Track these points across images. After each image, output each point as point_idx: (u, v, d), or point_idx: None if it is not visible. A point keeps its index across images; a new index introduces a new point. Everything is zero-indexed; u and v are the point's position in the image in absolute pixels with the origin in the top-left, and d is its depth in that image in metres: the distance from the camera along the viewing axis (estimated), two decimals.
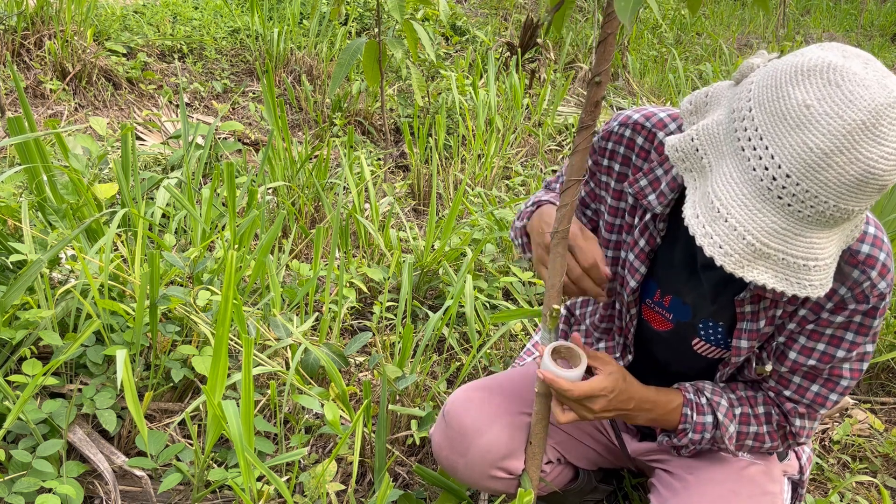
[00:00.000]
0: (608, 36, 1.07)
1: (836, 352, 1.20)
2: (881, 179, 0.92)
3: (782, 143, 0.92)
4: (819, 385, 1.25)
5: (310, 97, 4.08)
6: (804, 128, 0.91)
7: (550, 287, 1.23)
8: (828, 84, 0.90)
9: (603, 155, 1.33)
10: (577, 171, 1.16)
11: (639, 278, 1.31)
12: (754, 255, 0.96)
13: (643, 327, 1.40)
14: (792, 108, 0.91)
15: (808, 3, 9.86)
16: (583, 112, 1.13)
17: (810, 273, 0.97)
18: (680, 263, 1.28)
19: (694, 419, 1.29)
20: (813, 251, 0.96)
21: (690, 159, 1.03)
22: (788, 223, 0.95)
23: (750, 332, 1.24)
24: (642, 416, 1.28)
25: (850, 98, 0.89)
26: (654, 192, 1.24)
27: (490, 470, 1.40)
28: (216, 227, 2.47)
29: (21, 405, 1.44)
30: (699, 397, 1.30)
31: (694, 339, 1.33)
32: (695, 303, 1.29)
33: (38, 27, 3.80)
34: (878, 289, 1.13)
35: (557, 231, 1.19)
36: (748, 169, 0.95)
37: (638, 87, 5.39)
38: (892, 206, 2.45)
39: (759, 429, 1.31)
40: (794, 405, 1.28)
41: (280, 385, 1.90)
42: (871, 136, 0.89)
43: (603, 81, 1.09)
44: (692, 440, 1.31)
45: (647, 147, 1.27)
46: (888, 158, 0.91)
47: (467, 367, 1.97)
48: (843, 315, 1.17)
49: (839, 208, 0.93)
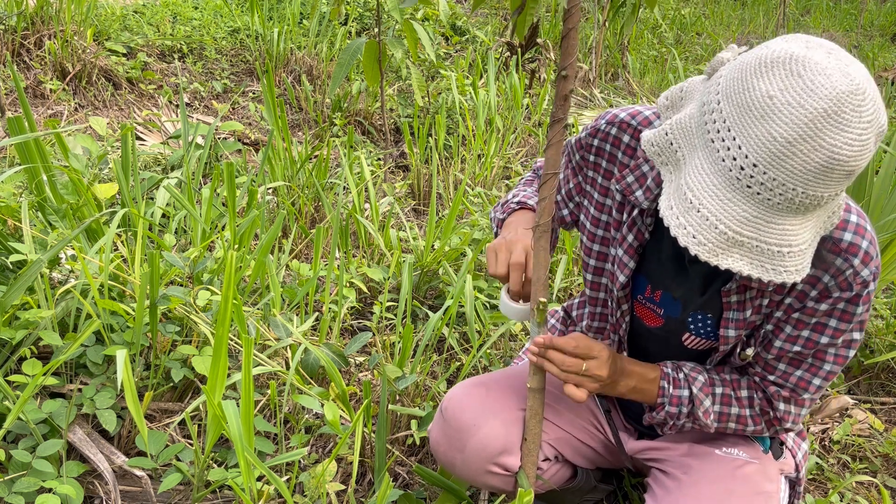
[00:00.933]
0: (570, 31, 1.11)
1: (819, 338, 1.22)
2: (846, 165, 0.94)
3: (748, 133, 0.94)
4: (803, 370, 1.27)
5: (310, 97, 4.08)
6: (768, 118, 0.93)
7: (536, 280, 1.26)
8: (790, 75, 0.93)
9: (590, 151, 1.36)
10: (553, 164, 1.20)
11: (627, 273, 1.33)
12: (728, 243, 0.98)
13: (636, 324, 1.42)
14: (756, 99, 0.94)
15: (808, 2, 9.86)
16: (553, 106, 1.17)
17: (785, 259, 0.99)
18: (668, 258, 1.30)
19: (670, 392, 1.32)
20: (786, 238, 0.98)
21: (665, 153, 1.06)
22: (759, 211, 0.97)
23: (737, 321, 1.26)
24: (623, 384, 1.31)
25: (811, 87, 0.91)
26: (640, 188, 1.27)
27: (487, 465, 1.40)
28: (216, 227, 2.47)
29: (21, 405, 1.44)
30: (677, 372, 1.34)
31: (684, 334, 1.35)
32: (684, 297, 1.31)
33: (38, 27, 3.80)
34: (861, 276, 1.15)
35: (539, 225, 1.22)
36: (718, 160, 0.98)
37: (638, 87, 5.39)
38: (892, 206, 2.45)
39: (741, 411, 1.33)
40: (778, 388, 1.30)
41: (280, 385, 1.90)
42: (834, 124, 0.91)
43: (569, 75, 1.13)
44: (669, 413, 1.34)
45: (634, 145, 1.30)
46: (852, 144, 0.92)
47: (467, 367, 1.97)
48: (827, 303, 1.19)
49: (807, 195, 0.95)
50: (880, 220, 2.39)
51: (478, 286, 2.41)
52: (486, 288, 2.44)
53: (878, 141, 0.96)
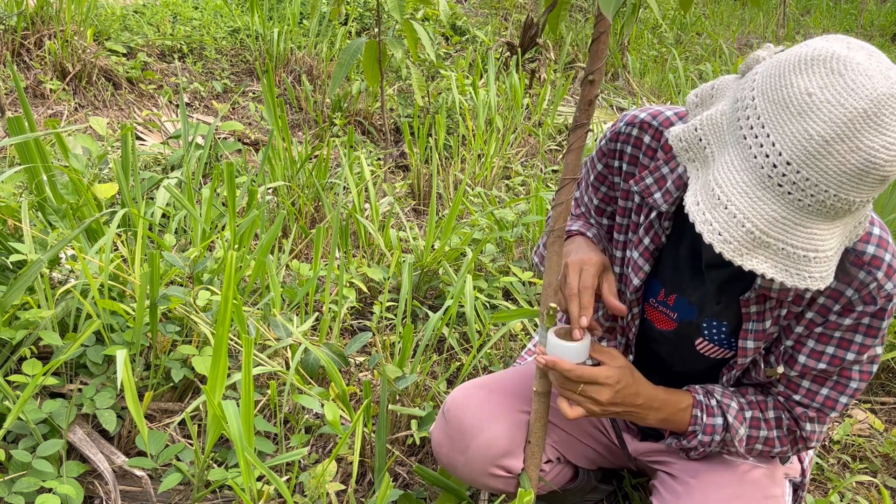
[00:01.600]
0: (601, 34, 1.08)
1: (845, 354, 1.19)
2: (882, 170, 0.92)
3: (783, 130, 0.92)
4: (829, 388, 1.24)
5: (310, 97, 4.08)
6: (805, 115, 0.91)
7: (547, 286, 1.23)
8: (830, 73, 0.91)
9: (612, 156, 1.33)
10: (572, 169, 1.17)
11: (642, 276, 1.30)
12: (754, 243, 0.96)
13: (646, 326, 1.40)
14: (794, 96, 0.92)
15: (808, 2, 9.86)
16: (577, 111, 1.14)
17: (810, 264, 0.97)
18: (685, 262, 1.28)
19: (704, 421, 1.28)
20: (813, 242, 0.96)
21: (693, 149, 1.03)
22: (788, 212, 0.94)
23: (756, 332, 1.23)
24: (652, 416, 1.27)
25: (852, 87, 0.89)
26: (659, 191, 1.24)
27: (489, 468, 1.40)
28: (216, 227, 2.47)
29: (21, 405, 1.44)
30: (709, 399, 1.30)
31: (698, 338, 1.32)
32: (700, 302, 1.29)
33: (38, 27, 3.80)
34: (885, 290, 1.13)
35: (553, 230, 1.20)
36: (749, 157, 0.95)
37: (638, 87, 5.39)
38: (892, 206, 2.45)
39: (769, 433, 1.30)
40: (805, 409, 1.27)
41: (280, 385, 1.89)
42: (873, 125, 0.89)
43: (596, 80, 1.10)
44: (702, 442, 1.30)
45: (654, 146, 1.27)
46: (889, 149, 0.90)
47: (467, 367, 1.97)
48: (850, 317, 1.16)
49: (840, 198, 0.93)
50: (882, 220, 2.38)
51: (478, 286, 2.41)
52: (486, 288, 2.44)
53: None
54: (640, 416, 1.27)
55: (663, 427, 1.31)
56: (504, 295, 2.56)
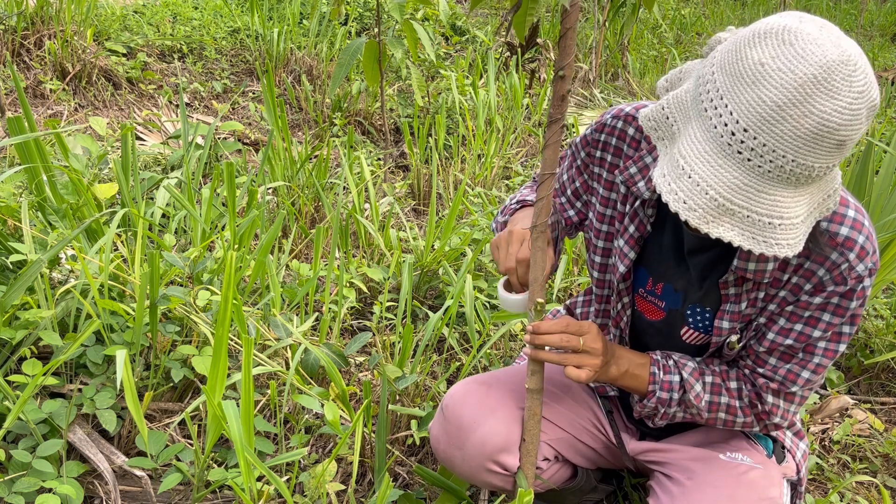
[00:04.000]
0: (567, 31, 1.11)
1: (812, 332, 1.23)
2: (836, 134, 0.94)
3: (739, 99, 0.96)
4: (792, 363, 1.27)
5: (310, 97, 4.08)
6: (759, 83, 0.95)
7: (533, 281, 1.26)
8: (782, 43, 0.95)
9: (596, 147, 1.37)
10: (550, 164, 1.20)
11: (628, 263, 1.34)
12: (718, 210, 0.99)
13: (637, 319, 1.42)
14: (748, 66, 0.96)
15: (807, 2, 9.86)
16: (551, 107, 1.17)
17: (776, 231, 0.99)
18: (669, 250, 1.31)
19: (661, 377, 1.32)
20: (777, 209, 0.98)
21: (662, 127, 1.07)
22: (750, 179, 0.97)
23: (732, 313, 1.27)
24: (614, 368, 1.31)
25: (802, 54, 0.93)
26: (643, 179, 1.28)
27: (486, 463, 1.40)
28: (216, 227, 2.47)
29: (21, 405, 1.44)
30: (667, 360, 1.34)
31: (683, 327, 1.35)
32: (685, 289, 1.32)
33: (38, 27, 3.80)
34: (856, 271, 1.15)
35: (536, 225, 1.22)
36: (710, 127, 0.99)
37: (638, 87, 5.39)
38: (892, 206, 2.45)
39: (730, 401, 1.33)
40: (767, 381, 1.30)
41: (280, 385, 1.89)
42: (824, 90, 0.93)
43: (567, 75, 1.13)
44: (660, 399, 1.33)
45: (638, 137, 1.32)
46: (842, 113, 0.93)
47: (467, 367, 1.97)
48: (821, 296, 1.19)
49: (798, 163, 0.96)
50: (880, 220, 2.39)
51: (478, 286, 2.41)
52: (486, 288, 2.44)
53: (870, 116, 0.96)
54: (605, 369, 1.30)
55: (625, 383, 1.34)
56: None
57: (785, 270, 1.20)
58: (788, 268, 1.20)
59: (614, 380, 1.34)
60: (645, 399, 1.36)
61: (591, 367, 1.26)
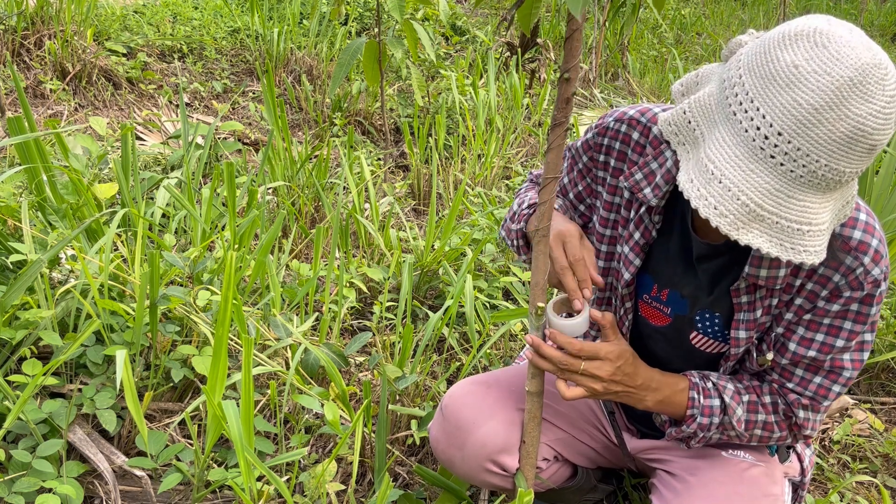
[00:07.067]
0: (573, 33, 1.10)
1: (835, 341, 1.20)
2: (870, 138, 0.94)
3: (773, 102, 0.94)
4: (822, 377, 1.25)
5: (310, 97, 4.08)
6: (794, 86, 0.93)
7: (534, 285, 1.24)
8: (815, 45, 0.93)
9: (598, 150, 1.35)
10: (553, 168, 1.18)
11: (633, 270, 1.32)
12: (749, 216, 0.97)
13: (640, 323, 1.40)
14: (781, 69, 0.94)
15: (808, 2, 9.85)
16: (554, 109, 1.15)
17: (804, 238, 0.98)
18: (676, 256, 1.29)
19: (701, 402, 1.28)
20: (807, 215, 0.97)
21: (683, 132, 1.05)
22: (782, 184, 0.96)
23: (747, 322, 1.24)
24: (650, 397, 1.27)
25: (836, 56, 0.92)
26: (649, 186, 1.25)
27: (486, 464, 1.40)
28: (216, 227, 2.47)
29: (21, 405, 1.44)
30: (705, 381, 1.30)
31: (692, 332, 1.33)
32: (693, 295, 1.30)
33: (38, 27, 3.80)
34: (872, 275, 1.14)
35: (538, 229, 1.21)
36: (741, 131, 0.97)
37: (638, 87, 5.39)
38: (892, 206, 2.45)
39: (766, 417, 1.29)
40: (798, 397, 1.27)
41: (280, 385, 1.89)
42: (860, 93, 0.92)
43: (572, 78, 1.12)
44: (700, 425, 1.29)
45: (643, 142, 1.29)
46: (877, 116, 0.93)
47: (467, 367, 1.97)
48: (838, 303, 1.17)
49: (831, 168, 0.95)
50: (881, 221, 2.39)
51: (478, 286, 2.41)
52: (486, 288, 2.44)
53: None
54: (639, 398, 1.27)
55: (660, 410, 1.31)
56: (504, 295, 2.56)
57: (797, 276, 1.18)
58: (801, 273, 1.18)
59: (649, 409, 1.29)
60: (683, 425, 1.31)
61: (587, 388, 1.23)
